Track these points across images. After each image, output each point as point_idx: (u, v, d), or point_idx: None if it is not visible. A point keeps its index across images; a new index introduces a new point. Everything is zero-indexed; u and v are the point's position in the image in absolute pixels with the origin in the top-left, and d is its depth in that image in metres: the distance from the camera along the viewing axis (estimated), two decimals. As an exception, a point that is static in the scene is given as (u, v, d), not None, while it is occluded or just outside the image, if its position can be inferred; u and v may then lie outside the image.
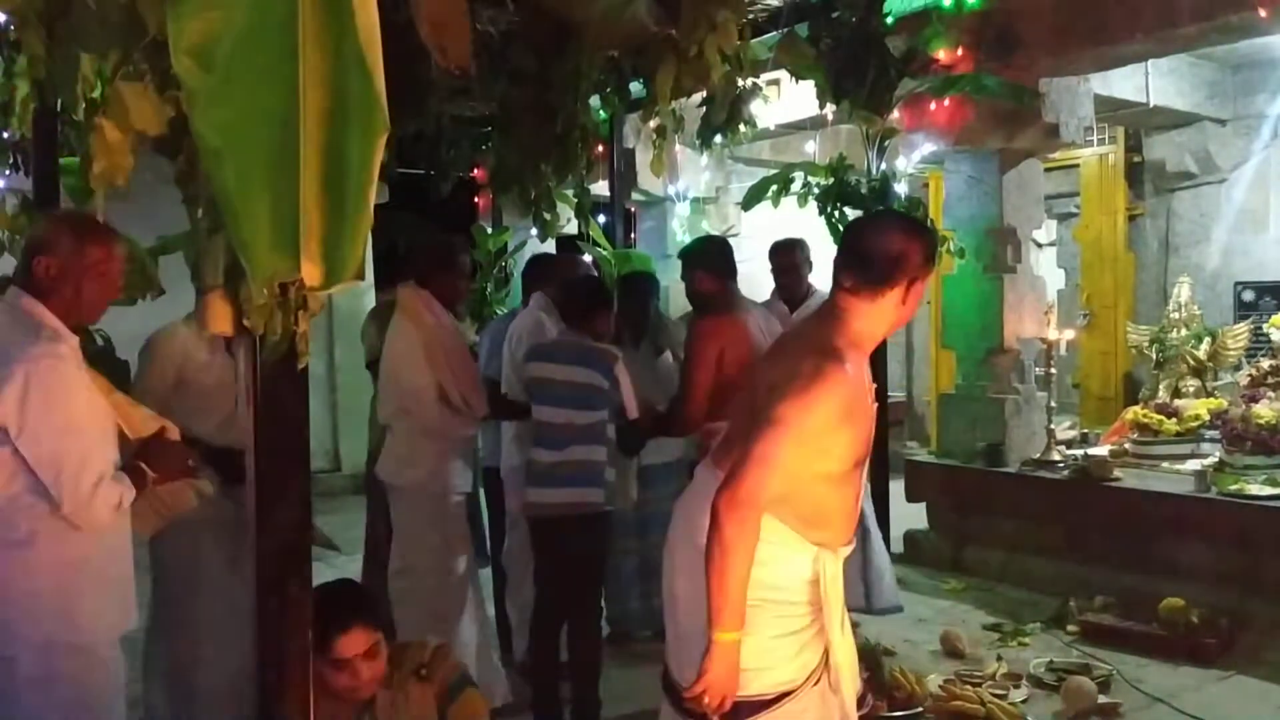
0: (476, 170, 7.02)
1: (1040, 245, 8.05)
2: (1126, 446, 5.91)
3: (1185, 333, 6.33)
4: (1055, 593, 5.24)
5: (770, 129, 6.75)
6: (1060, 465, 5.67)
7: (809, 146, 7.22)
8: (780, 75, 5.83)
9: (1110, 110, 6.90)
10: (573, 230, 6.50)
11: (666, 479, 4.54)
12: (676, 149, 5.47)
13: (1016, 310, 6.14)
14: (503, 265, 7.62)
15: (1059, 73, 5.78)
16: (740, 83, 4.21)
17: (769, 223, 6.29)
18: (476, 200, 8.31)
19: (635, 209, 9.33)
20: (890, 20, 5.32)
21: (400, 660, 2.53)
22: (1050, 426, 5.86)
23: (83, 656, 2.45)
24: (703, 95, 4.32)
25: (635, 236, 9.53)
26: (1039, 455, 5.79)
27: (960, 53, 5.36)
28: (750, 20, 4.12)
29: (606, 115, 5.66)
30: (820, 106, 5.54)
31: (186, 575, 3.41)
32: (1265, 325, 6.14)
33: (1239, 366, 6.22)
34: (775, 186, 5.60)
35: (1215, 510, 4.92)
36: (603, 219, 6.60)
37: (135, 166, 1.94)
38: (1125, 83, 6.69)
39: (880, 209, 5.10)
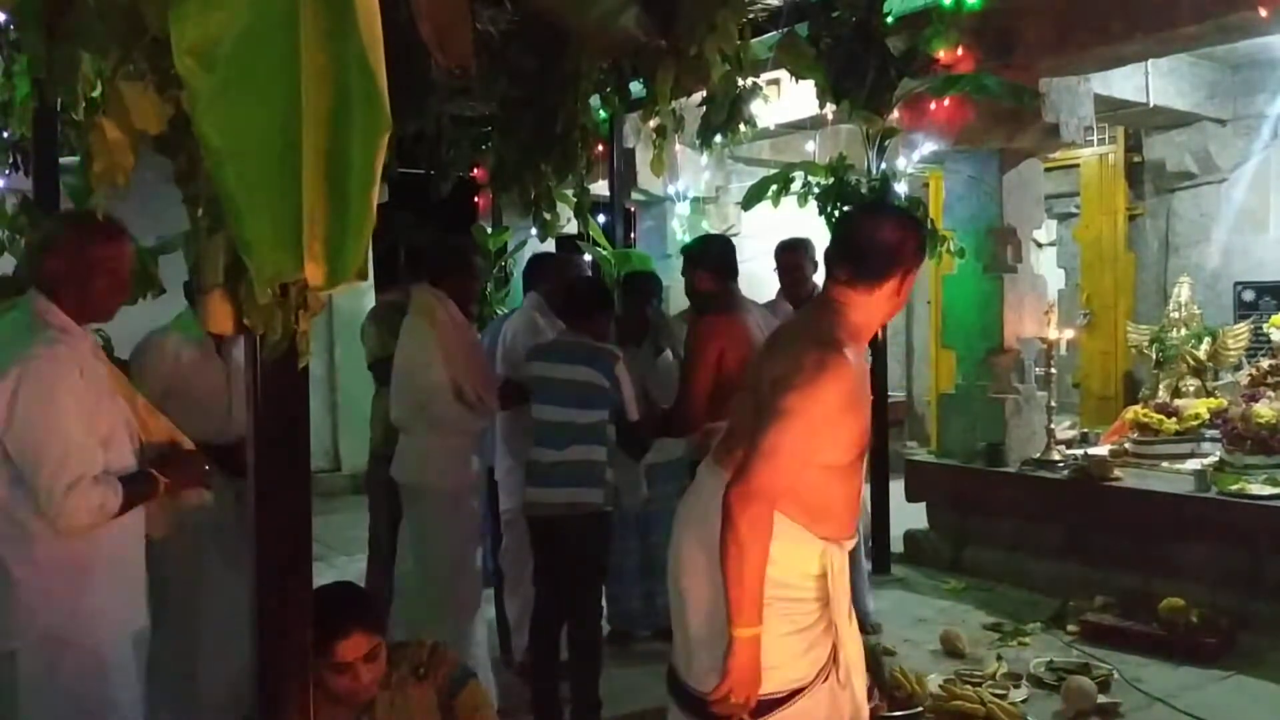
0: (476, 170, 7.01)
1: (1040, 245, 8.05)
2: (1126, 446, 5.91)
3: (1185, 332, 6.33)
4: (1055, 593, 5.25)
5: (770, 129, 6.74)
6: (1060, 465, 5.67)
7: (809, 146, 7.22)
8: (780, 75, 5.82)
9: (1110, 110, 6.90)
10: (572, 230, 6.49)
11: (669, 478, 4.53)
12: (676, 149, 5.46)
13: (1016, 310, 6.14)
14: (503, 265, 7.61)
15: (1059, 73, 5.78)
16: (740, 82, 4.20)
17: (770, 222, 6.28)
18: (476, 200, 8.31)
19: (635, 209, 9.33)
20: (890, 20, 5.32)
21: (398, 661, 2.53)
22: (1050, 426, 5.86)
23: (88, 654, 2.45)
24: (703, 95, 4.31)
25: (635, 236, 9.52)
26: (1039, 455, 5.79)
27: (960, 53, 5.35)
28: (750, 20, 4.11)
29: (606, 115, 5.65)
30: (820, 106, 5.54)
31: (187, 575, 3.40)
32: (1265, 325, 6.15)
33: (1239, 366, 6.23)
34: (775, 186, 5.61)
35: (1215, 510, 4.92)
36: (602, 219, 6.59)
37: (135, 166, 1.93)
38: (1125, 83, 6.69)
39: (870, 202, 5.10)
